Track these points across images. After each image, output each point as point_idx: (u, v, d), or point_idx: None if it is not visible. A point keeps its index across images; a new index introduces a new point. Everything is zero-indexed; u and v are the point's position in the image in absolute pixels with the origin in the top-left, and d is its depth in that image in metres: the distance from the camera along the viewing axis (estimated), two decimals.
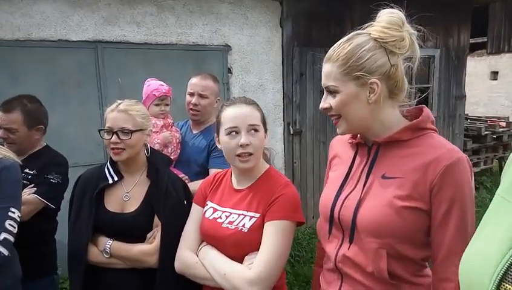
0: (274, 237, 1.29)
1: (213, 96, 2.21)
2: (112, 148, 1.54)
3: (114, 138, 1.53)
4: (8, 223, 1.45)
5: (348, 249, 1.12)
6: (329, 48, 1.14)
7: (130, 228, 1.55)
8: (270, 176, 1.43)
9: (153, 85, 2.22)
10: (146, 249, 1.52)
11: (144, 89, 2.24)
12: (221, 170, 1.60)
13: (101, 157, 3.62)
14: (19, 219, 1.50)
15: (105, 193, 1.60)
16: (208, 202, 1.49)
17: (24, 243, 1.64)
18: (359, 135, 1.21)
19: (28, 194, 1.86)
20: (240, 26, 4.16)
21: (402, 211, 1.02)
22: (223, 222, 1.38)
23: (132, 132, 1.55)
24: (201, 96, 2.16)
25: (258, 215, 1.35)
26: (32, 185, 1.91)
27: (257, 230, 1.33)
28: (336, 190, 1.18)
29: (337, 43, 1.13)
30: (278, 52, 4.39)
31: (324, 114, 1.21)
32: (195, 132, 2.26)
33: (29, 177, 1.94)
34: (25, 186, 1.90)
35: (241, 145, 1.34)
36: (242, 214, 1.37)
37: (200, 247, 1.43)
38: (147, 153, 1.67)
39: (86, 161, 3.53)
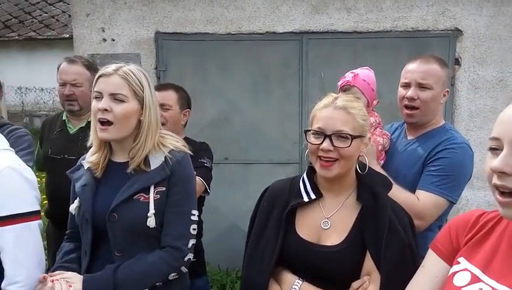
0: None
1: (439, 87, 1.54)
2: (320, 157, 1.13)
3: (326, 144, 1.11)
4: (192, 228, 1.34)
5: None
6: None
7: (328, 268, 1.12)
8: None
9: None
10: None
11: None
12: (487, 210, 0.94)
13: (296, 156, 3.39)
14: (197, 219, 1.37)
15: (296, 213, 1.20)
16: (461, 260, 0.90)
17: None
18: None
19: None
20: (478, 4, 3.22)
21: None
22: None
23: (352, 137, 1.10)
24: (420, 86, 1.52)
25: None
26: None
27: None
28: None
29: None
30: None
31: None
32: (409, 137, 1.64)
33: None
34: None
35: None
36: None
37: None
38: (359, 169, 1.18)
39: (281, 159, 3.40)
